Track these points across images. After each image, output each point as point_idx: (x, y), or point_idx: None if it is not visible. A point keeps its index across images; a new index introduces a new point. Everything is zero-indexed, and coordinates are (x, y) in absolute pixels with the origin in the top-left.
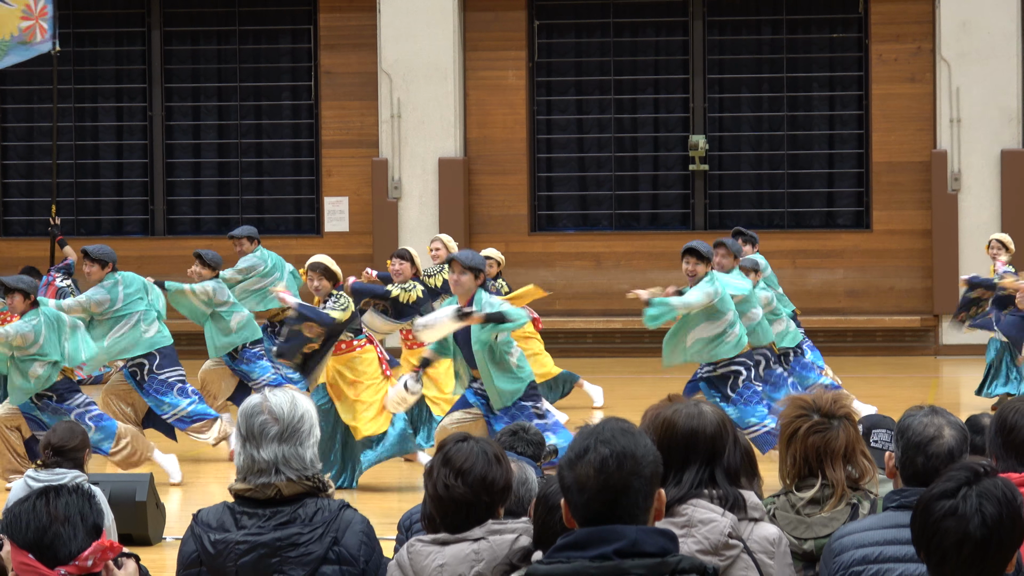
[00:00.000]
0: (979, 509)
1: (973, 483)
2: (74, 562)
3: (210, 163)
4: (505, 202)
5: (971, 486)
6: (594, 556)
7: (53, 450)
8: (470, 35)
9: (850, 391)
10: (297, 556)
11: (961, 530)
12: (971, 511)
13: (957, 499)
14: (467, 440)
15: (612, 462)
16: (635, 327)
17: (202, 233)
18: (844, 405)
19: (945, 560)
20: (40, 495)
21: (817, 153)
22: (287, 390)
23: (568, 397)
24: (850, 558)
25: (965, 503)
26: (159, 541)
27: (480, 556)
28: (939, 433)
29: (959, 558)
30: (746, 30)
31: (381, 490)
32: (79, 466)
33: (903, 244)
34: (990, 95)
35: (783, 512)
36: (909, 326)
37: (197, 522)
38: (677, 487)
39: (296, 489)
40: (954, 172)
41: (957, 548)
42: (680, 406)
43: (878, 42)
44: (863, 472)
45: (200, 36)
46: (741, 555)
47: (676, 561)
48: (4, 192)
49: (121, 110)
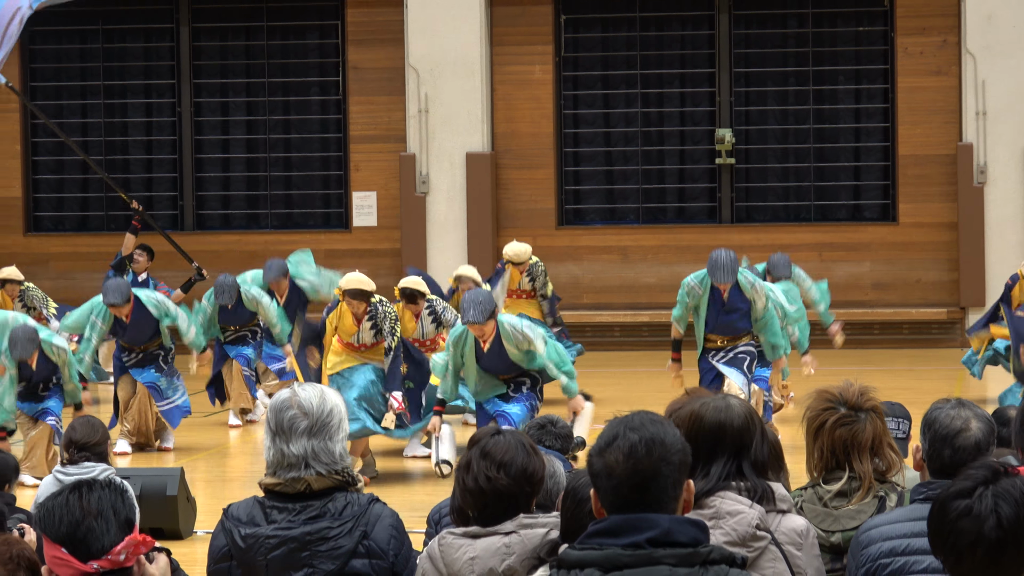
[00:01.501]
0: (995, 510)
1: (991, 483)
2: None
3: (239, 158)
4: (532, 196)
5: (988, 486)
6: (626, 544)
7: (77, 447)
8: (497, 30)
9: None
10: (327, 550)
11: (976, 531)
12: (986, 511)
13: (973, 499)
14: (501, 433)
15: (641, 448)
16: (662, 320)
17: (231, 228)
18: (871, 398)
19: (960, 561)
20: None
21: (843, 146)
22: (316, 385)
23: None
24: (878, 550)
25: (981, 503)
26: (190, 535)
27: (511, 549)
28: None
29: (974, 559)
30: (772, 23)
31: (409, 484)
32: (104, 459)
33: (929, 237)
34: (1016, 88)
35: (810, 504)
36: (936, 319)
37: (227, 516)
38: (705, 479)
39: (326, 483)
40: (980, 165)
41: (972, 549)
42: (708, 399)
43: (903, 35)
44: (890, 465)
45: (228, 32)
46: (769, 547)
47: (707, 552)
48: (34, 188)
49: (150, 106)
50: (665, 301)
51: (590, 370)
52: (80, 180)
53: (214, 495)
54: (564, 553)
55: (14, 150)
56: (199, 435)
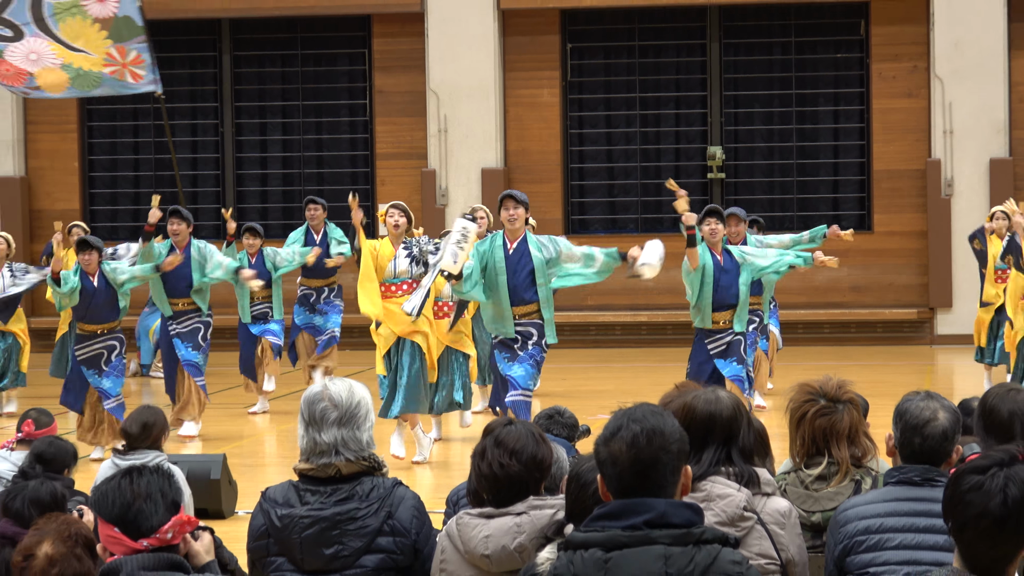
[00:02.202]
0: (1003, 489)
1: (1005, 465)
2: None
3: (276, 174)
4: (542, 207)
5: (1002, 468)
6: (626, 526)
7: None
8: (509, 57)
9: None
10: (355, 529)
11: (982, 504)
12: (995, 489)
13: (985, 476)
14: (513, 423)
15: (643, 438)
16: (659, 320)
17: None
18: (848, 391)
19: (964, 529)
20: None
21: (823, 162)
22: (346, 380)
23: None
24: (854, 528)
25: (992, 481)
26: (232, 515)
27: (522, 528)
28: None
29: (977, 530)
30: (758, 51)
31: (430, 469)
32: (157, 447)
33: (901, 244)
34: (980, 109)
35: (793, 487)
36: (907, 318)
37: (265, 499)
38: (697, 465)
39: (354, 468)
40: (947, 179)
41: (976, 520)
42: (699, 392)
43: (878, 61)
44: (865, 451)
45: (266, 60)
46: (755, 526)
47: (700, 532)
48: (91, 201)
49: (195, 127)
50: (662, 303)
51: (594, 365)
52: (132, 193)
53: (253, 479)
54: (570, 535)
55: (72, 167)
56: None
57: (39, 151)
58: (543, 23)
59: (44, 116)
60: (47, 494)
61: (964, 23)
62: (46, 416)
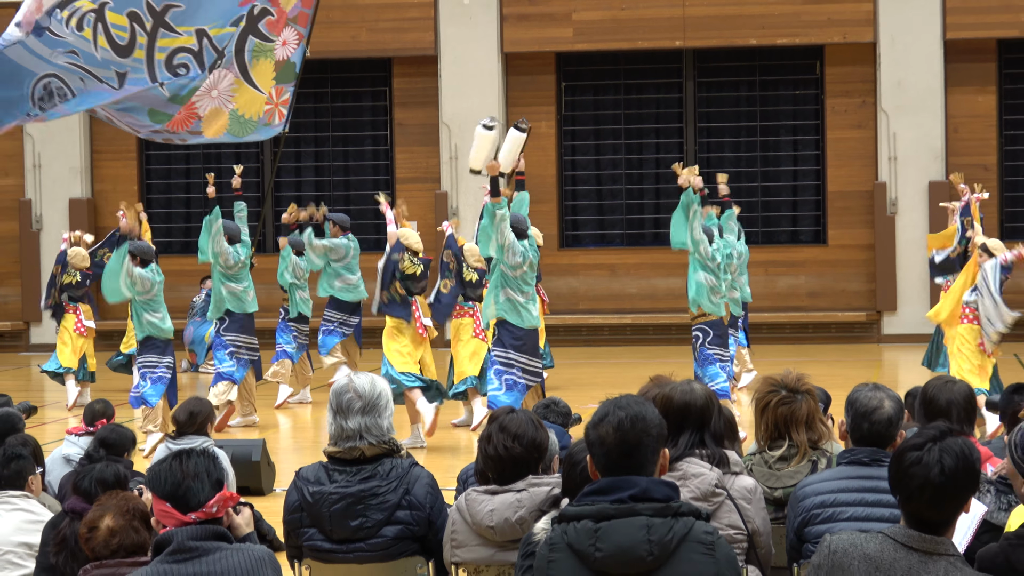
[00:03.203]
0: (939, 461)
1: (938, 440)
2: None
3: (308, 195)
4: (539, 224)
5: (936, 443)
6: (613, 500)
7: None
8: (511, 94)
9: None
10: (377, 503)
11: (923, 476)
12: (933, 462)
13: (923, 451)
14: (514, 411)
15: (627, 423)
16: (642, 323)
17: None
18: (806, 383)
19: (911, 499)
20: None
21: (784, 184)
22: (369, 374)
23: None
24: (811, 503)
25: (929, 455)
26: (270, 492)
27: (522, 503)
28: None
29: (921, 499)
30: (727, 88)
31: (442, 451)
32: (204, 432)
33: (852, 256)
34: (920, 139)
35: (758, 467)
36: (857, 320)
37: (298, 477)
38: (674, 448)
39: (376, 451)
40: (892, 199)
41: (920, 491)
42: (676, 384)
43: (831, 97)
44: (821, 435)
45: (301, 96)
46: (725, 501)
47: (677, 506)
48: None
49: (239, 154)
50: (644, 307)
51: (585, 361)
52: (183, 213)
53: (288, 460)
54: (564, 509)
55: (132, 190)
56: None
57: (103, 176)
58: (541, 65)
59: (108, 146)
60: (111, 475)
61: (906, 65)
62: (109, 407)
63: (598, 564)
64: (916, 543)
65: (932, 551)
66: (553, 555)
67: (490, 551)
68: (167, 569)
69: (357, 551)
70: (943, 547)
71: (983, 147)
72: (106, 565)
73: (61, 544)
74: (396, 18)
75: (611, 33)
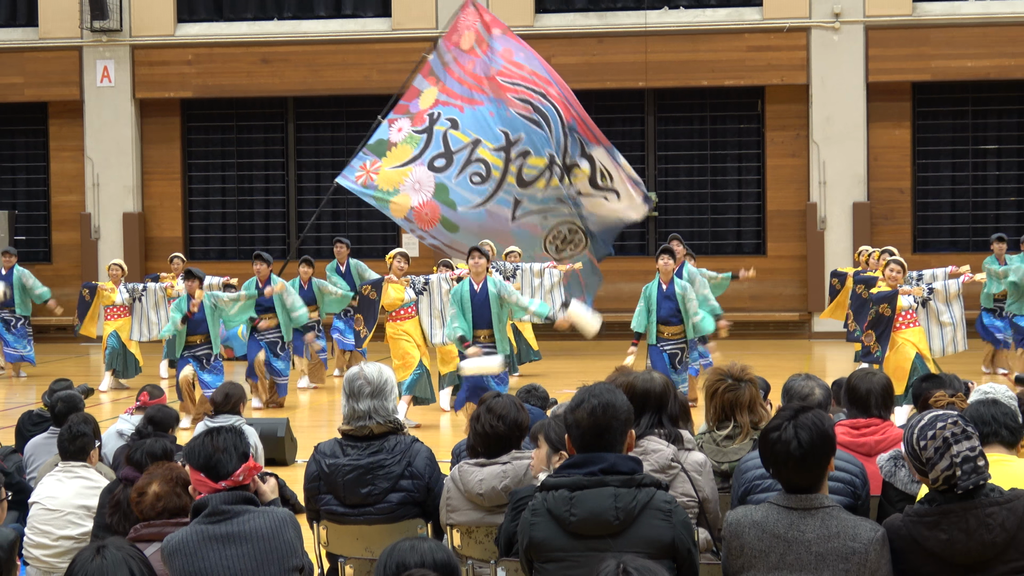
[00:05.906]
0: (796, 435)
1: (792, 418)
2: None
3: (326, 211)
4: None
5: (791, 420)
6: (586, 473)
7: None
8: None
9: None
10: (383, 474)
11: (784, 450)
12: (790, 437)
13: (781, 431)
14: (500, 396)
15: (599, 409)
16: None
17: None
18: (749, 373)
19: (780, 471)
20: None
21: (730, 204)
22: (377, 363)
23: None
24: (752, 475)
25: (786, 432)
26: (293, 463)
27: (507, 474)
28: (811, 392)
29: (787, 468)
30: (683, 122)
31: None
32: (237, 411)
33: (788, 265)
34: (845, 166)
35: (708, 444)
36: (791, 319)
37: (317, 451)
38: (636, 428)
39: (383, 429)
40: (821, 217)
41: (784, 462)
42: (637, 374)
43: (771, 130)
44: (761, 417)
45: (320, 127)
46: (680, 473)
47: (640, 478)
48: (191, 231)
49: (268, 176)
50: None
51: (562, 353)
52: (220, 225)
53: (308, 436)
54: (544, 480)
55: (177, 205)
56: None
57: (152, 193)
58: None
59: (156, 168)
60: (159, 448)
61: (834, 103)
62: (157, 390)
63: (573, 527)
64: (794, 503)
65: (807, 507)
66: (535, 519)
67: (480, 514)
68: (204, 528)
69: (366, 514)
70: (817, 502)
71: (899, 173)
72: (153, 524)
73: (115, 507)
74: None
75: (584, 75)
